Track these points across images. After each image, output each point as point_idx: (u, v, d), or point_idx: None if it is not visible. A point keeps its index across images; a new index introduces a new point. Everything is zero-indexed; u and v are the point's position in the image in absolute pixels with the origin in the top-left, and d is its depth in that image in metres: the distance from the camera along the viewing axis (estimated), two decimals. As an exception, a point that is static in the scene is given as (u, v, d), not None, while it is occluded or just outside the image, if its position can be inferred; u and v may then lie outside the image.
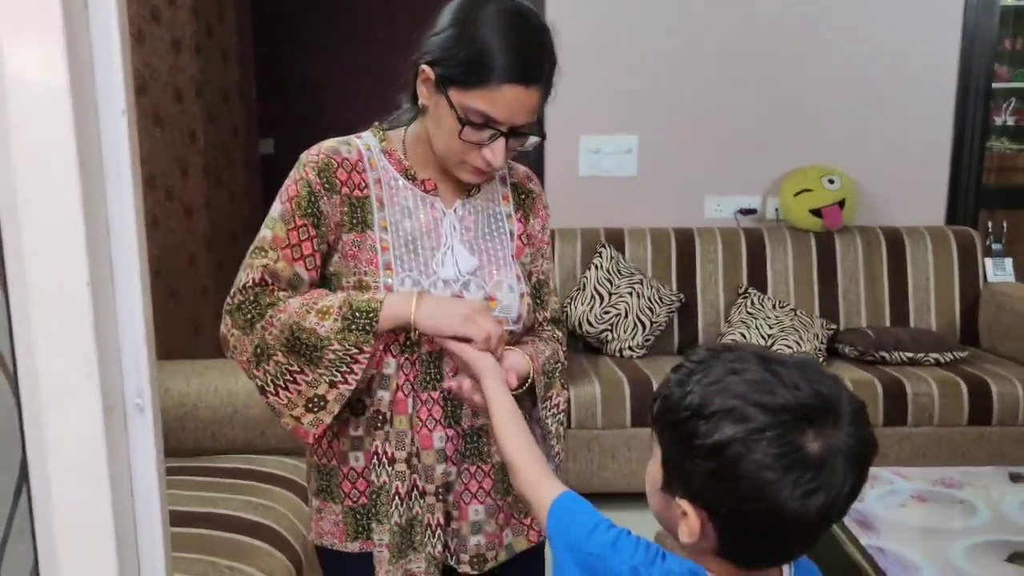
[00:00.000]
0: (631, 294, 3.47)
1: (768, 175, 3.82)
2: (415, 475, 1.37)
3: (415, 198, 1.39)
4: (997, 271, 3.77)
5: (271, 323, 1.29)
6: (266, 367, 1.31)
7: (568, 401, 1.49)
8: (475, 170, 1.34)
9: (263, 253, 1.32)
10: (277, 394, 1.32)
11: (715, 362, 0.90)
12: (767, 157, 3.80)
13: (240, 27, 3.94)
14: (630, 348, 3.46)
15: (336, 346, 1.27)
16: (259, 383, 1.33)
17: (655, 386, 3.13)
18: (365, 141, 1.41)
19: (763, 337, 3.40)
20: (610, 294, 3.46)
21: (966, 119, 3.90)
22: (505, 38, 1.24)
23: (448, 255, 1.38)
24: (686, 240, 3.65)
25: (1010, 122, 5.30)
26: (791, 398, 0.85)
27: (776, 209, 3.78)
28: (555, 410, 1.45)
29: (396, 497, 1.36)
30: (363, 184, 1.36)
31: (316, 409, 1.31)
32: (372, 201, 1.36)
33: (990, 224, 4.73)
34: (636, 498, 3.58)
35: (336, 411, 1.31)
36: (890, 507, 2.17)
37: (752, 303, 3.55)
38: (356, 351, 1.27)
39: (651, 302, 3.49)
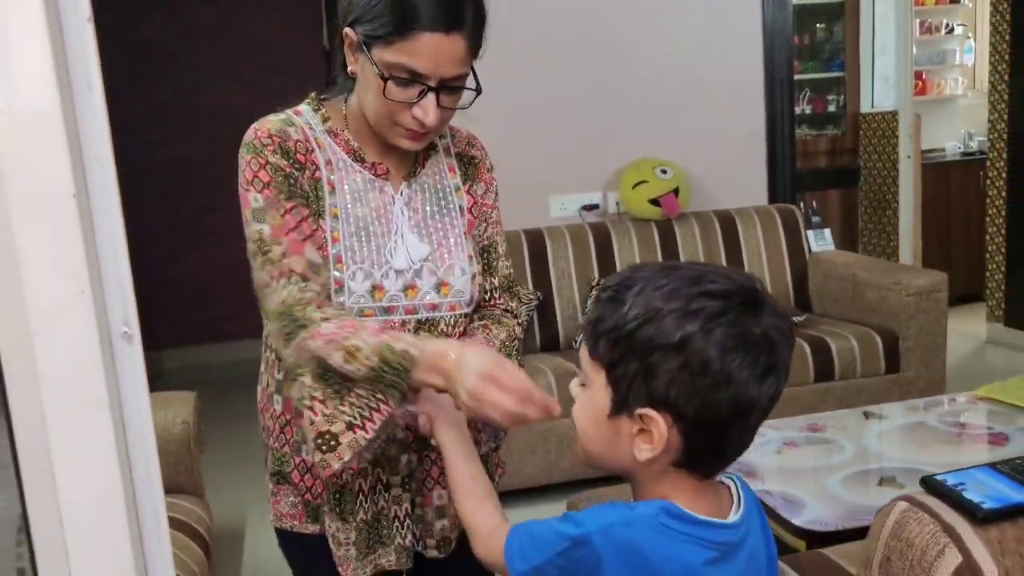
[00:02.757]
0: (520, 325, 3.50)
1: (606, 171, 3.97)
2: (378, 469, 1.33)
3: (364, 181, 1.33)
4: (819, 242, 4.08)
5: (307, 344, 1.21)
6: (289, 389, 1.26)
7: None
8: (410, 133, 1.27)
9: (265, 252, 1.23)
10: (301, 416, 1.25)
11: (639, 276, 0.94)
12: (603, 154, 3.95)
13: None
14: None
15: (360, 391, 1.21)
16: (302, 398, 1.25)
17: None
18: (305, 119, 1.33)
19: (621, 324, 3.53)
20: (470, 298, 3.49)
21: (775, 108, 4.21)
22: None
23: (399, 243, 1.32)
24: (536, 240, 3.73)
25: (807, 111, 5.77)
26: (730, 285, 0.91)
27: (617, 203, 3.94)
28: None
29: (360, 494, 1.32)
30: (315, 165, 1.30)
31: (325, 448, 1.23)
32: (324, 185, 1.30)
33: (802, 204, 5.11)
34: (518, 494, 3.62)
35: (347, 458, 1.22)
36: (768, 455, 2.30)
37: (605, 294, 3.67)
38: (380, 399, 1.21)
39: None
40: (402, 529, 1.35)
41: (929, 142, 5.88)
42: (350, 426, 1.21)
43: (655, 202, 3.81)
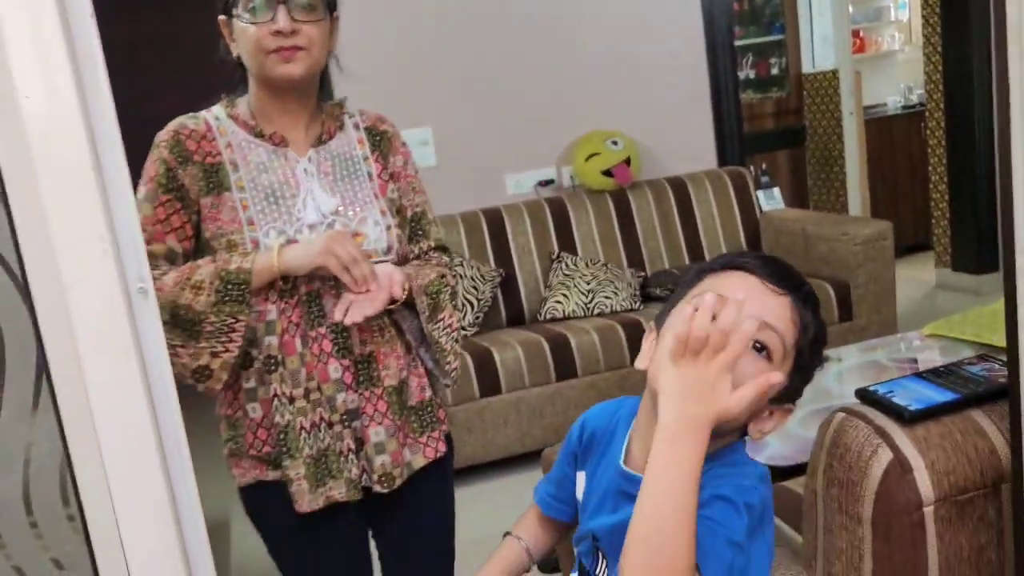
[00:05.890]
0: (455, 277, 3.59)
1: (558, 146, 4.07)
2: (320, 408, 1.45)
3: (267, 153, 1.47)
4: (768, 201, 4.21)
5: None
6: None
7: (459, 320, 1.60)
8: (281, 54, 1.40)
9: None
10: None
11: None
12: (554, 130, 4.04)
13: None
14: (463, 328, 3.57)
15: (213, 319, 1.36)
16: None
17: (496, 357, 3.32)
18: (213, 113, 1.50)
19: (583, 293, 3.63)
20: (436, 279, 3.58)
21: (719, 73, 4.32)
22: None
23: (309, 200, 1.46)
24: (495, 218, 3.82)
25: (751, 75, 5.90)
26: None
27: (571, 176, 4.04)
28: (448, 329, 1.56)
29: (303, 432, 1.43)
30: (215, 151, 1.45)
31: (203, 379, 1.40)
32: (226, 165, 1.45)
33: (752, 167, 5.26)
34: (494, 464, 3.69)
35: (224, 377, 1.41)
36: (729, 402, 2.42)
37: (567, 266, 3.77)
38: (232, 320, 1.37)
39: (474, 281, 3.64)
40: (348, 463, 1.47)
41: (871, 97, 6.05)
42: (214, 354, 1.38)
43: (608, 173, 3.91)
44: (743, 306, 0.90)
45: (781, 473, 2.00)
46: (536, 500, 1.25)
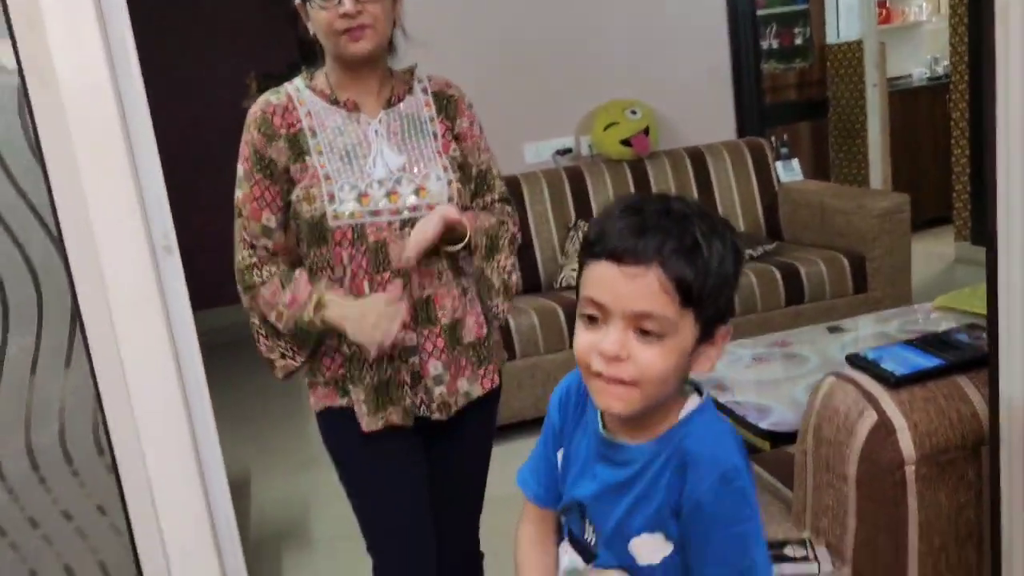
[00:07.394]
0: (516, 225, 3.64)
1: (577, 115, 4.09)
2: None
3: (342, 118, 1.64)
4: (787, 172, 4.22)
5: (255, 301, 1.60)
6: (252, 320, 1.63)
7: (514, 265, 1.73)
8: (349, 35, 1.55)
9: (239, 215, 1.59)
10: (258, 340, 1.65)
11: (687, 222, 0.97)
12: (573, 99, 4.06)
13: None
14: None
15: (290, 335, 1.61)
16: (254, 330, 1.64)
17: (512, 323, 3.38)
18: (294, 84, 1.66)
19: (599, 261, 3.67)
20: (454, 245, 3.62)
21: (740, 43, 4.31)
22: None
23: (378, 158, 1.62)
24: (513, 187, 3.84)
25: (775, 45, 5.86)
26: None
27: (589, 145, 4.07)
28: (501, 271, 1.69)
29: (365, 363, 1.61)
30: (295, 121, 1.61)
31: (270, 368, 1.63)
32: (305, 132, 1.61)
33: (773, 138, 5.24)
34: (509, 428, 3.75)
35: (280, 376, 1.65)
36: (737, 370, 2.47)
37: (583, 234, 3.81)
38: (304, 337, 1.61)
39: (493, 247, 3.68)
40: (404, 393, 1.64)
41: (896, 69, 5.99)
42: (283, 356, 1.63)
43: (627, 143, 3.94)
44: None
45: (784, 439, 2.06)
46: (529, 495, 1.19)
